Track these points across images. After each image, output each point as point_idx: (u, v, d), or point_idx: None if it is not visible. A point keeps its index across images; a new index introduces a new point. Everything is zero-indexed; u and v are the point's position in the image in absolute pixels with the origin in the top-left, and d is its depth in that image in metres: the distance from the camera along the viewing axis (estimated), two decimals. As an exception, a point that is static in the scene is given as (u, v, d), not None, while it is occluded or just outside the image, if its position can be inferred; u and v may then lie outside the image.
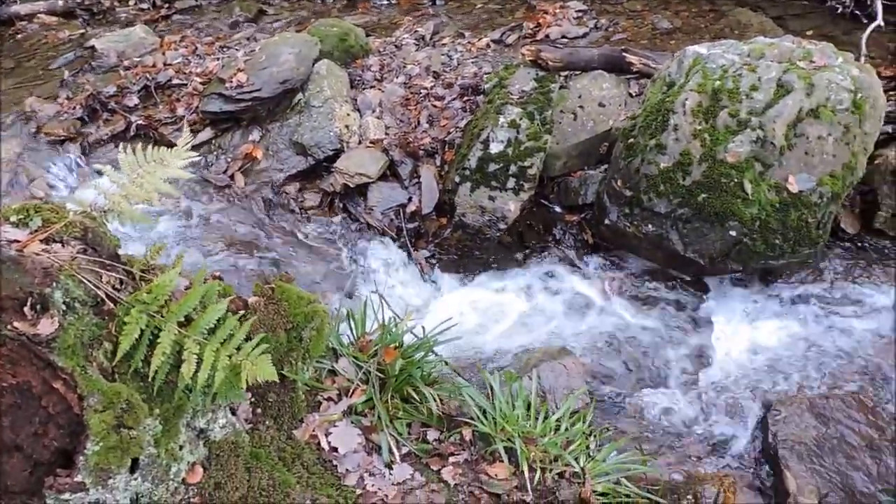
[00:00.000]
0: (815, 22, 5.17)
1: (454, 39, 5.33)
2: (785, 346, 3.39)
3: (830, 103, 3.21)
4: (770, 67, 3.32)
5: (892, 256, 3.63)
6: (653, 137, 3.42)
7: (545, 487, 2.30)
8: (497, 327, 3.62)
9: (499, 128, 3.79)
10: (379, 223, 4.01)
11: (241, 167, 4.23)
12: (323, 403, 2.38)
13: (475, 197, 3.75)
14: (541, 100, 3.91)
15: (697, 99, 3.35)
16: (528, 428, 2.42)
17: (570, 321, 3.65)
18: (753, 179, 3.25)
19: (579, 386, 3.07)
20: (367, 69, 4.86)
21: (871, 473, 2.80)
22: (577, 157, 4.02)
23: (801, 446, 2.87)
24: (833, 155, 3.23)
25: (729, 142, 3.26)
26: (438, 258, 3.90)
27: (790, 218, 3.25)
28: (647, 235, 3.51)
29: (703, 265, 3.46)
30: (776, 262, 3.36)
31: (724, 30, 5.08)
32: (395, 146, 4.21)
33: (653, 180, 3.40)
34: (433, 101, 4.47)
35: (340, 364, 2.51)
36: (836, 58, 3.38)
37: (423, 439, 2.44)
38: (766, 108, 3.25)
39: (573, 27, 5.35)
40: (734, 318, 3.51)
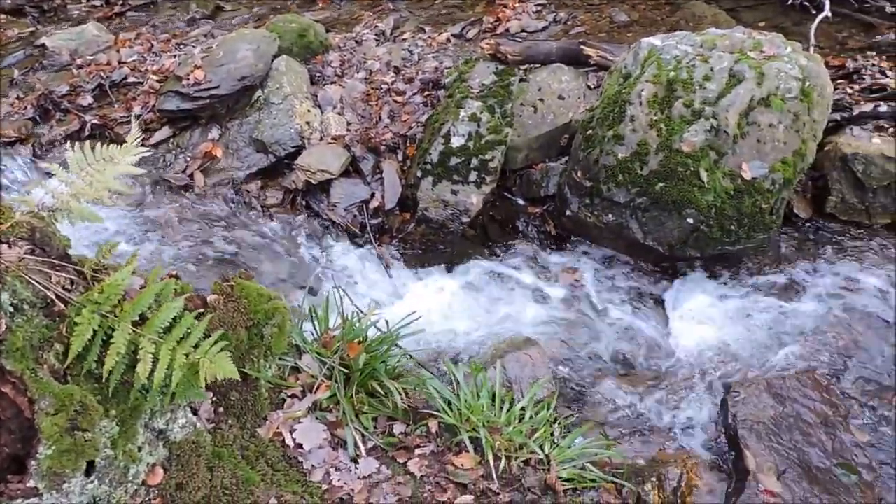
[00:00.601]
0: (766, 13, 5.30)
1: (414, 34, 5.32)
2: (743, 329, 3.47)
3: (780, 92, 3.30)
4: (722, 58, 3.39)
5: (843, 240, 3.74)
6: (611, 128, 3.47)
7: (511, 475, 2.32)
8: (462, 320, 3.64)
9: (459, 121, 3.80)
10: (342, 219, 3.99)
11: (201, 166, 4.17)
12: (287, 400, 2.37)
13: (437, 191, 3.76)
14: (501, 93, 3.94)
15: (653, 90, 3.41)
16: (493, 418, 2.45)
17: (535, 312, 3.68)
18: (709, 168, 3.32)
19: (544, 375, 3.10)
20: (327, 65, 4.83)
21: (826, 449, 2.88)
22: (538, 149, 4.06)
23: (760, 425, 2.94)
24: (784, 142, 3.32)
25: (684, 131, 3.33)
26: (402, 253, 3.90)
27: (745, 204, 3.33)
28: (608, 225, 3.57)
29: (662, 252, 3.52)
30: (732, 247, 3.44)
31: (679, 22, 5.17)
32: (356, 142, 4.20)
33: (612, 170, 3.45)
34: (394, 96, 4.47)
35: (304, 360, 2.50)
36: (785, 48, 3.47)
37: (390, 433, 2.45)
38: (718, 97, 3.32)
39: (532, 21, 5.39)
40: (694, 303, 3.58)
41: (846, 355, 3.27)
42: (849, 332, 3.35)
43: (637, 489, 2.51)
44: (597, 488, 2.46)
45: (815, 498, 2.69)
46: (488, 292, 3.77)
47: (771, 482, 2.74)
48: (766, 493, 2.70)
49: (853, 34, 4.98)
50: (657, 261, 3.67)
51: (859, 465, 2.82)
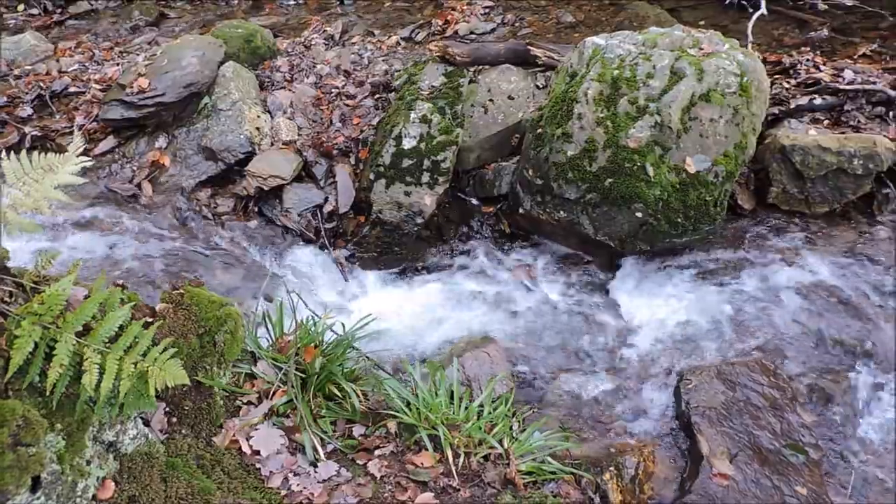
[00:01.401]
0: (706, 12, 5.46)
1: (364, 38, 5.32)
2: (693, 318, 3.56)
3: (720, 87, 3.41)
4: (663, 56, 3.49)
5: (785, 229, 3.87)
6: (559, 127, 3.53)
7: (471, 471, 2.34)
8: (420, 320, 3.64)
9: (410, 123, 3.81)
10: (296, 225, 3.96)
11: (149, 175, 4.09)
12: (243, 408, 2.35)
13: (391, 193, 3.77)
14: (451, 94, 3.97)
15: (598, 88, 3.48)
16: (451, 415, 2.46)
17: (492, 309, 3.71)
18: (655, 163, 3.40)
19: (503, 371, 3.13)
20: (276, 70, 4.79)
21: (775, 431, 2.98)
22: (489, 149, 4.10)
23: (712, 411, 3.02)
24: (725, 136, 3.42)
25: (630, 128, 3.41)
26: (358, 256, 3.89)
27: (690, 197, 3.42)
28: (560, 221, 3.63)
29: (613, 247, 3.60)
30: (680, 239, 3.54)
31: (623, 22, 5.30)
32: (308, 146, 4.18)
33: (561, 168, 3.51)
34: (345, 99, 4.46)
35: (260, 367, 2.48)
36: (723, 45, 3.59)
37: (349, 435, 2.45)
38: (661, 94, 3.41)
39: (481, 23, 5.45)
40: (645, 295, 3.66)
41: (791, 340, 3.39)
42: (792, 317, 3.46)
43: (596, 479, 2.55)
44: (556, 480, 2.50)
45: (765, 479, 2.78)
46: (445, 292, 3.79)
47: (724, 465, 2.82)
48: (720, 476, 2.78)
49: (788, 31, 5.18)
50: (608, 255, 3.75)
51: (806, 445, 2.92)
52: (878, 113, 4.01)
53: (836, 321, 3.42)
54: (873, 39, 4.79)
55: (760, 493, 2.73)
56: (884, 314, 3.41)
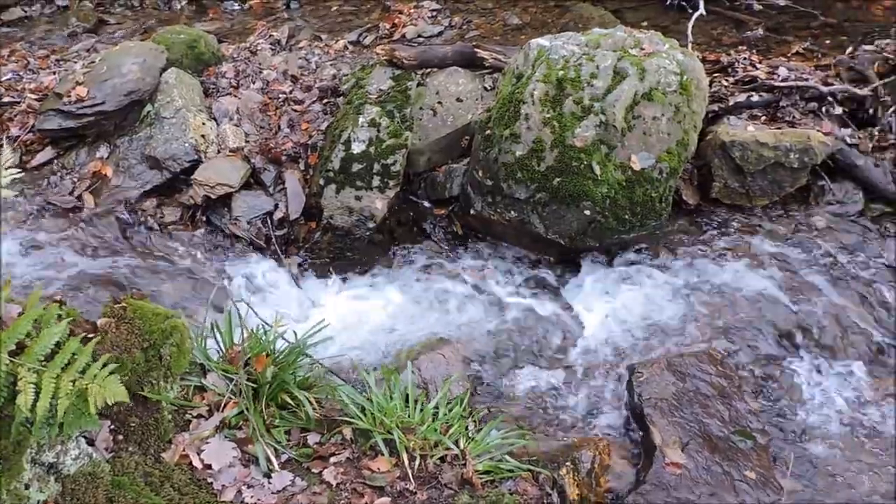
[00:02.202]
0: (648, 13, 5.59)
1: (311, 42, 5.28)
2: (644, 312, 3.63)
3: (661, 86, 3.49)
4: (606, 56, 3.56)
5: (728, 222, 3.99)
6: (507, 128, 3.56)
7: (427, 473, 2.34)
8: (375, 325, 3.63)
9: (359, 128, 3.80)
10: (246, 233, 3.91)
11: (90, 187, 3.98)
12: (193, 421, 2.31)
13: (341, 198, 3.75)
14: (399, 98, 3.97)
15: (544, 89, 3.53)
16: (406, 418, 2.46)
17: (447, 311, 3.72)
18: (601, 161, 3.47)
19: (459, 373, 3.14)
20: (221, 76, 4.71)
21: (724, 419, 3.06)
22: (440, 151, 4.11)
23: (663, 402, 3.09)
24: (668, 133, 3.51)
25: (576, 127, 3.46)
26: (311, 263, 3.86)
27: (636, 194, 3.50)
28: (511, 221, 3.66)
29: (564, 245, 3.65)
30: (628, 235, 3.61)
31: (568, 23, 5.37)
32: (256, 153, 4.12)
33: (510, 168, 3.55)
34: (293, 105, 4.41)
35: (209, 379, 2.43)
36: (664, 44, 3.68)
37: (304, 444, 2.42)
38: (605, 93, 3.48)
39: (428, 26, 5.46)
40: (597, 291, 3.72)
41: (737, 329, 3.49)
42: (737, 307, 3.57)
43: (553, 474, 2.58)
44: (514, 478, 2.52)
45: (716, 465, 2.86)
46: (399, 296, 3.78)
47: (676, 454, 2.89)
48: (673, 465, 2.84)
49: (726, 30, 5.33)
50: (560, 253, 3.80)
51: (754, 431, 3.02)
52: (811, 108, 4.17)
53: (779, 310, 3.54)
54: (805, 38, 4.97)
55: (711, 480, 2.81)
56: (822, 302, 3.54)
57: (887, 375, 3.29)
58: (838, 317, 3.49)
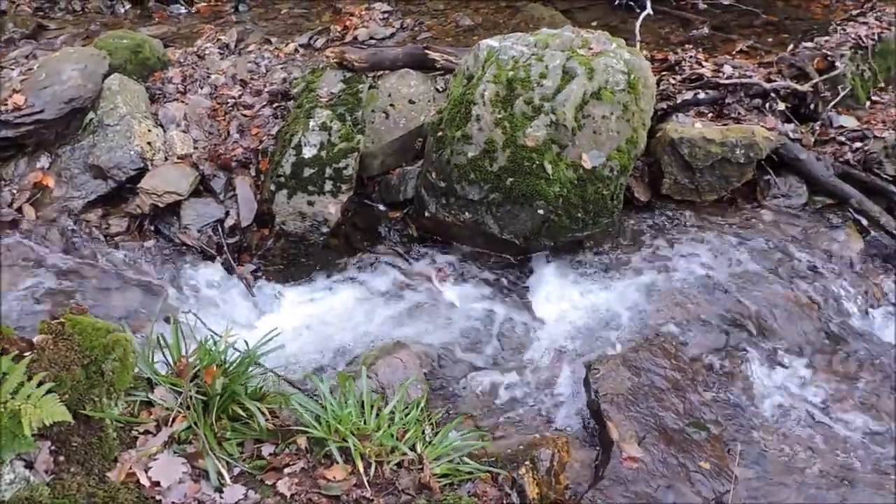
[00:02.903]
0: (597, 13, 5.66)
1: (260, 46, 5.20)
2: (599, 309, 3.67)
3: (609, 85, 3.53)
4: (555, 56, 3.58)
5: (679, 217, 4.05)
6: (459, 129, 3.56)
7: (384, 479, 2.32)
8: (331, 331, 3.59)
9: (310, 132, 3.75)
10: (196, 242, 3.82)
11: (31, 198, 3.85)
12: (140, 438, 2.24)
13: (294, 203, 3.70)
14: (350, 101, 3.93)
15: (495, 89, 3.54)
16: (361, 425, 2.43)
17: (404, 314, 3.70)
18: (552, 160, 3.49)
19: (417, 377, 3.12)
20: (167, 82, 4.61)
21: (678, 411, 3.11)
22: (393, 154, 4.09)
23: (620, 397, 3.12)
24: (617, 132, 3.56)
25: (527, 127, 3.48)
26: (264, 270, 3.80)
27: (588, 192, 3.53)
28: (466, 222, 3.66)
29: (519, 244, 3.67)
30: (581, 233, 3.65)
31: (520, 24, 5.41)
32: (205, 160, 4.04)
33: (463, 169, 3.55)
34: (242, 110, 4.34)
35: (157, 393, 2.36)
36: (611, 44, 3.73)
37: (258, 455, 2.37)
38: (555, 93, 3.51)
39: (380, 28, 5.44)
40: (552, 289, 3.75)
41: (690, 323, 3.55)
42: (690, 301, 3.63)
43: (512, 474, 2.58)
44: (473, 480, 2.51)
45: (671, 457, 2.90)
46: (355, 300, 3.75)
47: (633, 449, 2.92)
48: (630, 459, 2.87)
49: (674, 29, 5.44)
50: (515, 252, 3.81)
51: (707, 422, 3.07)
52: (755, 105, 4.28)
53: (730, 302, 3.61)
54: (749, 36, 5.11)
55: (667, 472, 2.85)
56: (770, 293, 3.63)
57: (831, 363, 3.39)
58: (786, 307, 3.58)
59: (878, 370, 3.37)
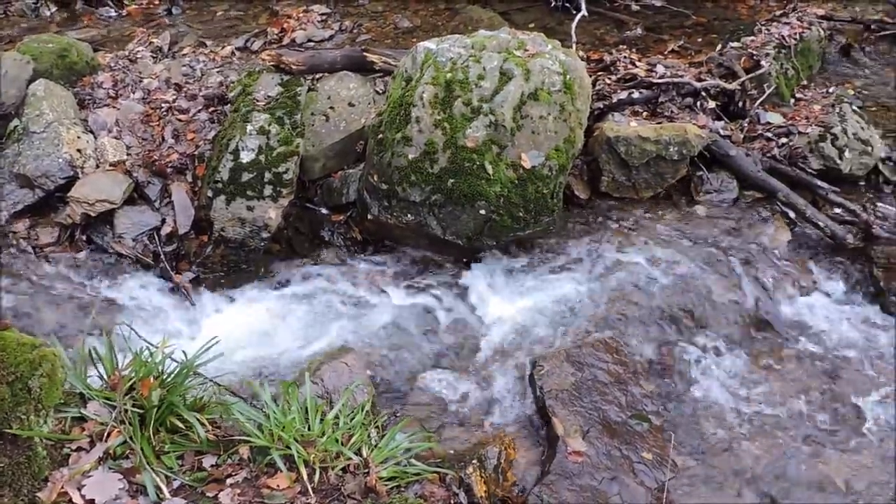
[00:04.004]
0: (535, 15, 5.75)
1: (195, 49, 5.09)
2: (544, 307, 3.71)
3: (546, 86, 3.59)
4: (492, 57, 3.62)
5: (618, 214, 4.14)
6: (399, 131, 3.56)
7: (330, 485, 2.30)
8: (275, 338, 3.54)
9: (248, 136, 3.69)
10: (131, 251, 3.71)
11: (-49, 210, 3.66)
12: (72, 455, 2.16)
13: (232, 209, 3.63)
14: (289, 104, 3.88)
15: (433, 91, 3.55)
16: (305, 431, 2.40)
17: (350, 318, 3.68)
18: (493, 160, 3.53)
19: (363, 381, 3.11)
20: (97, 86, 4.46)
21: (621, 404, 3.18)
22: (334, 157, 4.06)
23: (564, 393, 3.17)
24: (555, 131, 3.61)
25: (467, 128, 3.51)
26: (204, 278, 3.71)
27: (528, 191, 3.58)
28: (409, 224, 3.66)
29: (462, 245, 3.69)
30: (523, 232, 3.69)
31: (458, 26, 5.45)
32: (139, 166, 3.92)
33: (404, 171, 3.55)
34: (177, 114, 4.23)
35: (90, 408, 2.29)
36: (547, 45, 3.79)
37: (199, 468, 2.32)
38: (493, 94, 3.54)
39: (318, 30, 5.39)
40: (498, 289, 3.78)
41: (631, 317, 3.62)
42: (630, 295, 3.70)
43: (459, 474, 2.60)
44: (420, 481, 2.51)
45: (615, 450, 2.97)
46: (300, 306, 3.70)
47: (577, 443, 2.97)
48: (575, 453, 2.93)
49: (609, 30, 5.57)
50: (459, 253, 3.83)
51: (649, 413, 3.16)
52: (687, 103, 4.42)
53: (668, 295, 3.70)
54: (680, 37, 5.27)
55: (611, 464, 2.91)
56: (706, 285, 3.75)
57: (764, 351, 3.53)
58: (721, 299, 3.70)
59: (807, 356, 3.52)
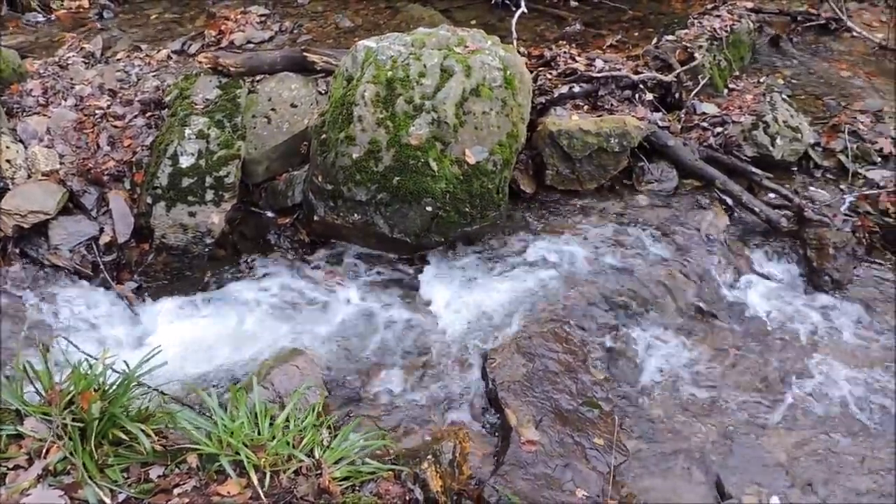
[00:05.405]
0: (475, 12, 5.79)
1: (130, 53, 4.96)
2: (493, 300, 3.73)
3: (487, 81, 3.62)
4: (432, 55, 3.63)
5: (563, 207, 4.20)
6: (342, 131, 3.54)
7: (282, 489, 2.27)
8: (223, 344, 3.47)
9: (186, 140, 3.62)
10: (69, 262, 3.59)
11: None
12: (10, 474, 2.09)
13: (173, 215, 3.55)
14: (228, 106, 3.82)
15: (375, 90, 3.54)
16: (255, 436, 2.37)
17: (300, 321, 3.64)
18: (437, 157, 3.54)
19: (314, 382, 3.08)
20: (26, 94, 4.30)
21: (572, 392, 3.24)
22: (278, 159, 4.01)
23: (516, 384, 3.21)
24: (497, 126, 3.65)
25: (410, 126, 3.51)
26: (146, 287, 3.62)
27: (473, 187, 3.61)
28: (356, 224, 3.65)
29: (410, 242, 3.69)
30: (470, 227, 3.72)
31: (400, 24, 5.44)
32: (73, 175, 3.81)
33: (349, 171, 3.53)
34: (112, 121, 4.12)
35: (27, 425, 2.21)
36: (486, 41, 3.82)
37: (146, 479, 2.26)
38: (435, 91, 3.56)
39: (258, 32, 5.31)
40: (447, 284, 3.78)
41: (578, 306, 3.68)
42: (578, 285, 3.77)
43: (414, 470, 2.60)
44: (375, 479, 2.51)
45: (568, 437, 3.02)
46: (247, 311, 3.64)
47: (530, 433, 3.01)
48: (528, 443, 2.96)
49: (549, 27, 5.64)
50: (407, 250, 3.83)
51: (600, 400, 3.22)
52: (626, 96, 4.52)
53: (614, 283, 3.78)
54: (617, 31, 5.38)
55: (564, 451, 2.96)
56: (650, 272, 3.84)
57: (707, 334, 3.63)
58: (664, 285, 3.79)
59: (747, 337, 3.64)
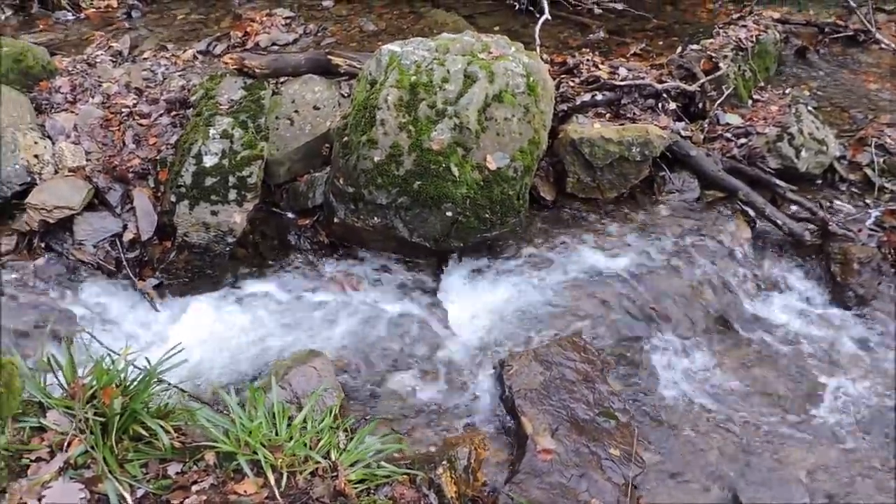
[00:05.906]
0: (499, 19, 5.79)
1: (156, 53, 5.02)
2: (511, 307, 3.74)
3: (510, 88, 3.62)
4: (456, 60, 3.64)
5: (584, 214, 4.19)
6: (364, 134, 3.56)
7: (298, 490, 2.28)
8: (242, 344, 3.50)
9: (210, 140, 3.65)
10: (93, 258, 3.64)
11: None
12: (32, 466, 2.12)
13: (196, 214, 3.58)
14: (252, 107, 3.85)
15: (398, 94, 3.56)
16: (272, 436, 2.39)
17: (318, 322, 3.66)
18: (458, 163, 3.54)
19: (332, 384, 3.09)
20: (55, 91, 4.37)
21: (589, 402, 3.22)
22: (300, 161, 4.04)
23: (532, 392, 3.20)
24: (519, 133, 3.64)
25: (432, 131, 3.52)
26: (168, 284, 3.65)
27: (494, 193, 3.61)
28: (375, 227, 3.66)
29: (429, 247, 3.70)
30: (490, 233, 3.71)
31: (423, 29, 5.46)
32: (99, 172, 3.85)
33: (370, 174, 3.54)
34: (138, 119, 4.17)
35: (50, 417, 2.25)
36: (510, 48, 3.82)
37: (164, 475, 2.29)
38: (458, 97, 3.56)
39: (283, 34, 5.36)
40: (465, 290, 3.80)
41: (597, 315, 3.67)
42: (597, 294, 3.76)
43: (429, 475, 2.60)
44: (390, 483, 2.51)
45: (583, 447, 3.00)
46: (267, 311, 3.67)
47: (546, 441, 3.00)
48: (544, 451, 2.95)
49: (572, 34, 5.64)
50: (427, 255, 3.83)
51: (616, 411, 3.20)
52: (649, 105, 4.49)
53: (634, 294, 3.76)
54: (641, 39, 5.36)
55: (580, 461, 2.95)
56: (670, 283, 3.81)
57: (728, 347, 3.60)
58: (685, 296, 3.76)
59: (768, 351, 3.60)
